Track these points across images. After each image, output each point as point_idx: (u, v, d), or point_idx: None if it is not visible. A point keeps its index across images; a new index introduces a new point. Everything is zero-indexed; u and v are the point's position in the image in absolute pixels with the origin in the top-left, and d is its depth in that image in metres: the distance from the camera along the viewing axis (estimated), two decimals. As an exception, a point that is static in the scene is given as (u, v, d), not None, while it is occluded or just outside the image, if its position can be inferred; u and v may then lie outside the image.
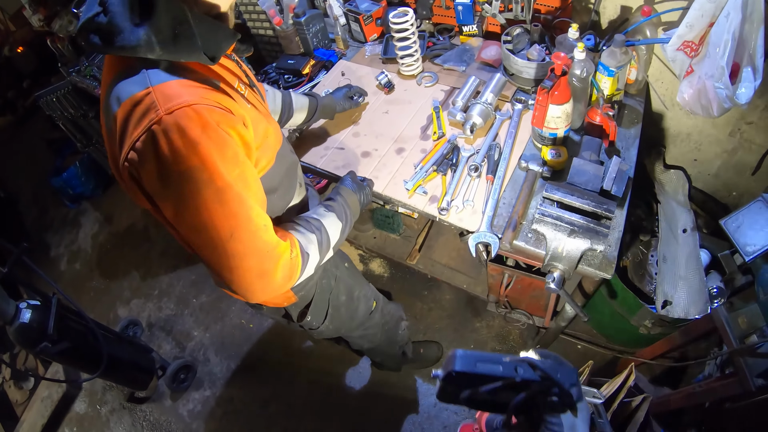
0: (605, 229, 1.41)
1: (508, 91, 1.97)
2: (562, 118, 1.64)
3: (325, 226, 1.31)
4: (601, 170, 1.54)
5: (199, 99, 0.91)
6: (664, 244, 2.05)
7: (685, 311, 1.90)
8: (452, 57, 2.14)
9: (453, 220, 1.67)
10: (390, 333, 2.09)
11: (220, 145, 0.92)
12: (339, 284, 1.64)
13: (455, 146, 1.83)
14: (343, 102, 1.91)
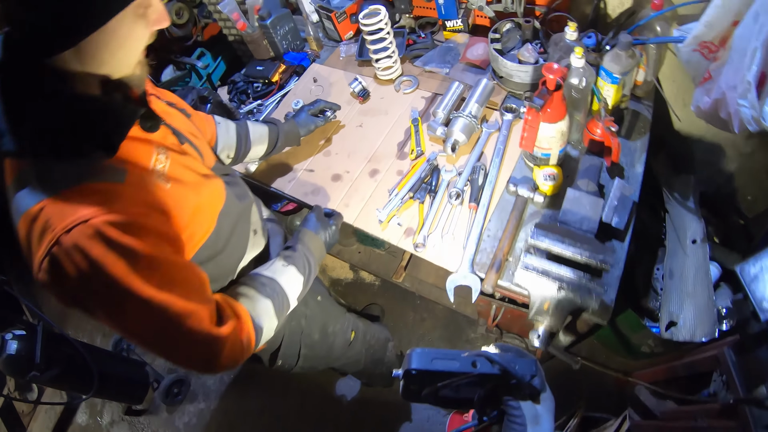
0: (600, 287, 1.19)
1: (497, 97, 1.71)
2: (556, 138, 1.39)
3: (282, 286, 1.15)
4: (599, 204, 1.31)
5: (95, 212, 0.78)
6: (671, 257, 1.81)
7: (691, 333, 1.67)
8: (434, 57, 1.87)
9: (430, 257, 1.46)
10: (376, 356, 1.94)
11: (130, 257, 0.80)
12: (310, 323, 1.49)
13: (435, 167, 1.60)
14: (307, 123, 1.68)
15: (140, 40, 0.86)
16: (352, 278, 2.74)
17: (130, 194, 0.84)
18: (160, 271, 0.84)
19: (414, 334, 2.51)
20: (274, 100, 1.96)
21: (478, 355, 0.73)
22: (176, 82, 2.16)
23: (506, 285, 1.37)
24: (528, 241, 1.24)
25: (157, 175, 0.92)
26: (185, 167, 1.01)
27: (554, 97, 1.30)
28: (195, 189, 1.01)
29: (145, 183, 0.89)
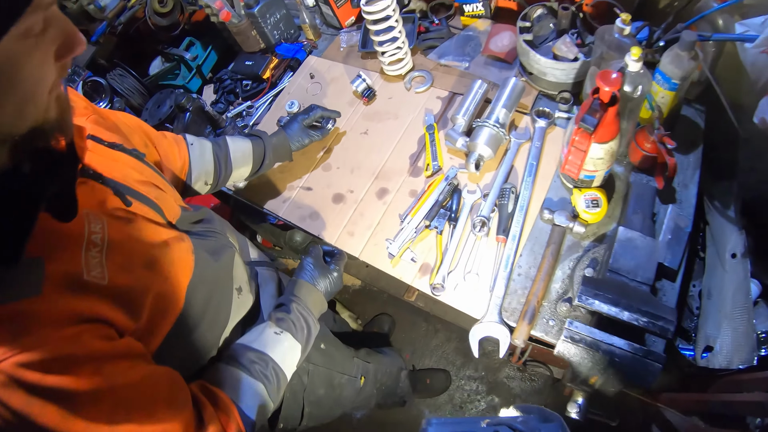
0: (657, 363, 0.95)
1: (527, 98, 1.43)
2: (604, 159, 1.13)
3: (276, 362, 0.95)
4: (656, 248, 1.06)
5: (4, 351, 0.58)
6: (709, 274, 1.57)
7: (727, 360, 1.46)
8: (451, 49, 1.58)
9: (450, 301, 1.23)
10: (388, 390, 1.75)
11: (62, 400, 0.61)
12: (314, 379, 1.28)
13: (455, 187, 1.34)
14: (300, 137, 1.41)
15: (40, 80, 0.59)
16: (360, 285, 2.51)
17: (50, 311, 0.61)
18: (110, 402, 0.64)
19: (427, 347, 2.30)
20: (266, 101, 1.69)
21: (500, 424, 0.68)
22: (165, 75, 1.91)
23: (541, 336, 1.15)
24: (576, 302, 0.99)
25: (91, 259, 0.68)
26: (133, 242, 0.77)
27: (609, 113, 1.03)
28: (150, 267, 0.77)
29: (73, 282, 0.65)
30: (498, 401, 2.13)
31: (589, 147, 1.07)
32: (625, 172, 1.30)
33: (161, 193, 0.93)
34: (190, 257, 0.87)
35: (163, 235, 0.84)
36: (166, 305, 0.79)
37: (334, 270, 1.13)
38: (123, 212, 0.79)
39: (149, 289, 0.74)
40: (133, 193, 0.84)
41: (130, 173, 0.88)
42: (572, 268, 1.20)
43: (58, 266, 0.64)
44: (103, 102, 1.89)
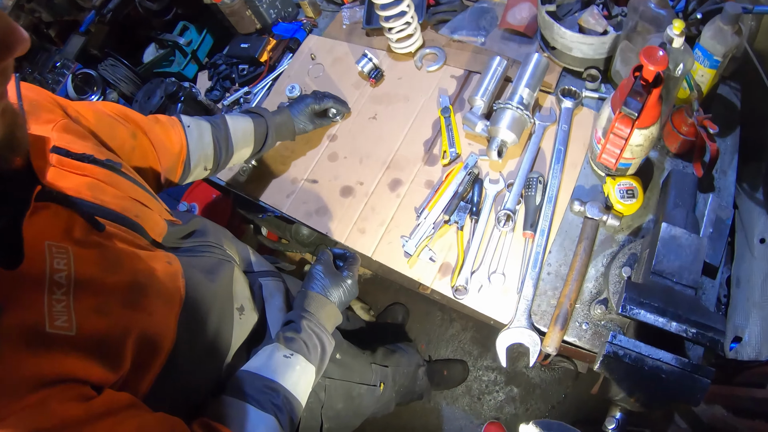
0: (705, 378, 0.84)
1: (551, 76, 1.29)
2: (644, 146, 1.01)
3: (288, 390, 0.84)
4: (702, 246, 0.93)
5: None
6: (738, 261, 1.46)
7: (756, 351, 1.36)
8: (464, 23, 1.42)
9: (474, 305, 1.12)
10: (407, 389, 1.66)
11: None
12: (331, 394, 1.18)
13: (476, 177, 1.21)
14: (305, 121, 1.29)
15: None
16: (371, 275, 2.40)
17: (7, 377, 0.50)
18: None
19: (443, 336, 2.21)
20: (264, 85, 1.55)
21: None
22: (159, 63, 1.79)
23: (574, 341, 1.04)
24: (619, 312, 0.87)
25: (56, 304, 0.56)
26: (108, 272, 0.64)
27: (652, 96, 0.90)
28: (130, 305, 0.65)
29: (32, 337, 0.53)
30: (517, 392, 2.04)
31: (632, 134, 0.93)
32: (660, 157, 1.18)
33: (143, 209, 0.80)
34: (179, 283, 0.75)
35: (145, 261, 0.72)
36: (153, 345, 0.68)
37: (347, 277, 1.01)
38: (95, 239, 0.67)
39: (130, 332, 0.63)
40: (108, 212, 0.72)
41: (103, 189, 0.75)
42: (606, 265, 1.08)
43: (14, 318, 0.53)
44: (95, 95, 1.78)
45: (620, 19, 1.22)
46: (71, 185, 0.69)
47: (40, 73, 1.80)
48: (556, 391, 1.99)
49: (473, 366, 2.12)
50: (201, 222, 0.97)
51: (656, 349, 0.88)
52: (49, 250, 0.59)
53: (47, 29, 1.89)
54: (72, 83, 1.74)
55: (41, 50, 1.86)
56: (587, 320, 1.05)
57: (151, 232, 0.79)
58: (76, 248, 0.62)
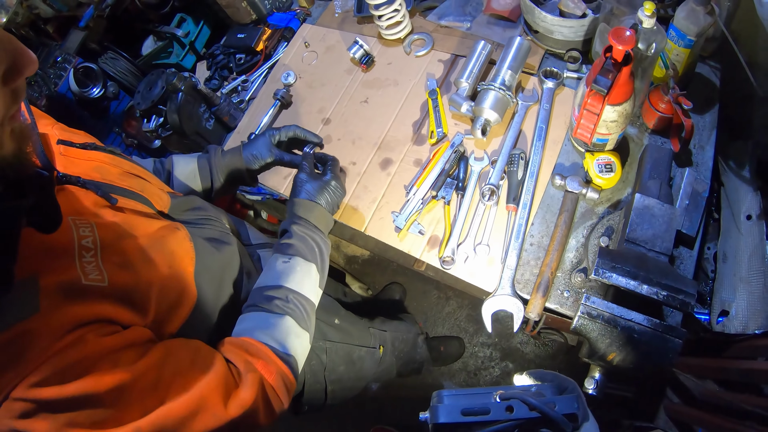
0: (678, 339, 0.89)
1: (534, 58, 1.34)
2: (618, 122, 1.05)
3: (294, 290, 0.89)
4: (674, 215, 0.99)
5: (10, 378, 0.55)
6: (724, 237, 1.50)
7: (743, 325, 1.41)
8: (451, 9, 1.47)
9: (461, 274, 1.17)
10: (407, 357, 1.71)
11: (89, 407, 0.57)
12: (332, 356, 1.23)
13: (461, 155, 1.26)
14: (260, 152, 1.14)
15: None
16: (369, 255, 2.46)
17: (50, 324, 0.58)
18: (137, 391, 0.62)
19: (439, 315, 2.27)
20: (261, 74, 1.60)
21: (512, 397, 0.65)
22: (157, 55, 1.83)
23: (555, 308, 1.09)
24: (592, 276, 0.92)
25: (88, 268, 0.64)
26: (126, 238, 0.72)
27: (623, 74, 0.94)
28: (149, 261, 0.73)
29: (71, 290, 0.61)
30: (512, 367, 2.10)
31: (603, 110, 0.98)
32: (639, 134, 1.23)
33: (145, 183, 0.89)
34: (189, 245, 0.82)
35: (156, 226, 0.79)
36: (177, 296, 0.75)
37: (330, 179, 1.04)
38: (110, 211, 0.74)
39: (152, 283, 0.70)
40: (116, 189, 0.80)
41: (108, 170, 0.83)
42: (586, 236, 1.13)
43: (53, 278, 0.60)
44: (96, 87, 1.82)
45: (598, 2, 1.26)
46: (80, 170, 0.76)
47: (41, 68, 1.84)
48: (550, 366, 2.05)
49: (469, 343, 2.17)
50: (199, 200, 1.03)
51: (628, 311, 0.94)
52: (74, 223, 0.67)
53: (45, 25, 1.93)
54: (74, 77, 1.79)
55: (41, 46, 1.90)
56: (568, 288, 1.10)
57: (156, 204, 0.86)
58: (95, 219, 0.70)
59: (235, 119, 1.53)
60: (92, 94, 1.83)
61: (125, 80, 1.85)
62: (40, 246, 0.62)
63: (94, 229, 0.68)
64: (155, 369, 0.64)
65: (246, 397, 0.70)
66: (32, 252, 0.60)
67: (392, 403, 2.14)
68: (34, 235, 0.60)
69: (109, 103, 1.91)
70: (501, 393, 0.67)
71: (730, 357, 1.28)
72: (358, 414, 2.16)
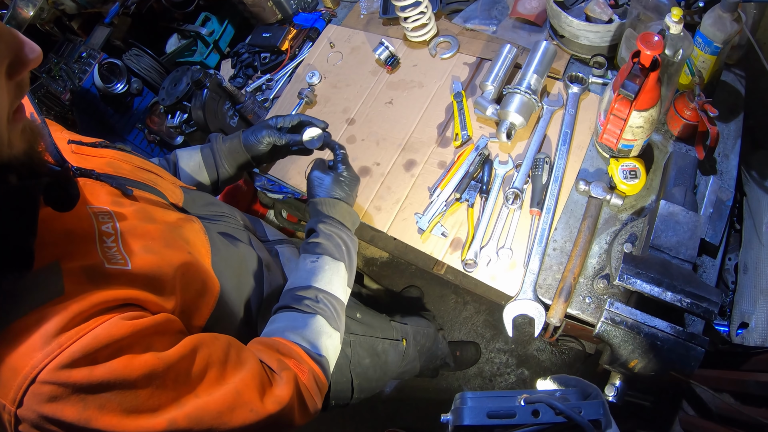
0: (700, 347, 0.93)
1: (559, 63, 1.38)
2: (644, 128, 1.09)
3: (324, 290, 0.91)
4: (699, 223, 1.02)
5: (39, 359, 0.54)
6: (746, 248, 1.52)
7: (762, 337, 1.43)
8: (477, 12, 1.52)
9: (483, 277, 1.21)
10: (430, 353, 1.76)
11: (119, 392, 0.57)
12: (356, 349, 1.28)
13: (486, 158, 1.30)
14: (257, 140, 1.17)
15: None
16: (388, 258, 2.51)
17: (77, 306, 0.58)
18: (170, 378, 0.62)
19: (456, 319, 2.31)
20: (285, 73, 1.66)
21: (538, 401, 0.65)
22: (182, 53, 1.91)
23: (577, 314, 1.13)
24: (616, 281, 0.96)
25: (110, 254, 0.66)
26: (144, 224, 0.75)
27: (650, 79, 0.98)
28: (169, 245, 0.75)
29: (95, 274, 0.62)
30: (528, 374, 2.13)
31: (630, 115, 1.02)
32: (663, 140, 1.26)
33: (157, 178, 0.92)
34: (204, 237, 0.85)
35: (172, 216, 0.82)
36: (201, 284, 0.77)
37: (342, 170, 1.08)
38: (127, 201, 0.77)
39: (175, 267, 0.72)
40: (130, 182, 0.82)
41: (120, 165, 0.86)
42: (609, 242, 1.17)
43: (75, 263, 0.62)
44: (121, 83, 1.89)
45: (625, 7, 1.30)
46: (93, 166, 0.78)
47: (66, 64, 1.92)
48: (566, 374, 2.07)
49: (485, 348, 2.21)
50: (211, 196, 1.07)
51: (652, 317, 0.97)
52: (92, 211, 0.69)
53: (69, 21, 2.00)
54: (98, 72, 1.86)
55: (66, 41, 1.98)
56: (590, 294, 1.14)
57: (170, 198, 0.89)
58: (113, 208, 0.72)
59: (259, 117, 1.59)
60: (116, 90, 1.90)
61: (149, 77, 1.92)
62: (61, 232, 0.64)
63: (113, 216, 0.71)
64: (188, 360, 0.64)
65: (283, 395, 0.71)
66: (54, 239, 0.62)
67: (405, 406, 2.19)
68: (54, 223, 0.62)
69: (133, 99, 1.98)
70: (526, 397, 0.68)
71: (749, 370, 1.31)
72: (371, 416, 2.20)
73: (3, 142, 0.54)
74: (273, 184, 1.60)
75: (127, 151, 0.92)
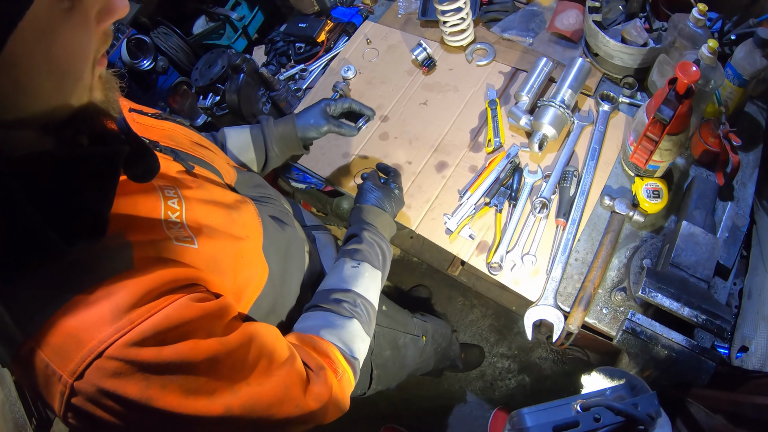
0: (712, 362, 1.05)
1: (591, 80, 1.49)
2: (672, 151, 1.20)
3: (362, 295, 0.97)
4: (717, 246, 1.14)
5: (108, 333, 0.55)
6: (751, 275, 1.65)
7: (761, 362, 1.56)
8: (515, 23, 1.63)
9: (507, 281, 1.32)
10: (444, 353, 1.87)
11: (182, 374, 0.59)
12: (379, 340, 1.37)
13: (516, 166, 1.41)
14: (316, 124, 1.26)
15: (80, 51, 0.53)
16: (398, 255, 2.63)
17: (148, 283, 0.59)
18: (228, 365, 0.64)
19: (462, 321, 2.43)
20: (320, 65, 1.76)
21: (596, 405, 0.69)
22: (209, 35, 1.98)
23: (593, 323, 1.24)
24: (638, 293, 1.08)
25: (175, 230, 0.68)
26: (207, 204, 0.77)
27: (684, 106, 1.09)
28: (228, 227, 0.78)
29: (164, 250, 0.65)
30: (529, 380, 2.25)
31: (662, 138, 1.13)
32: (685, 164, 1.37)
33: (213, 155, 0.96)
34: (258, 220, 0.88)
35: (230, 196, 0.85)
36: (254, 268, 0.81)
37: (395, 188, 1.20)
38: (188, 177, 0.79)
39: (234, 249, 0.75)
40: (191, 157, 0.85)
41: (181, 139, 0.89)
42: (629, 257, 1.28)
43: (143, 236, 0.63)
44: (147, 60, 1.95)
45: (660, 33, 1.41)
46: (155, 137, 0.80)
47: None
48: (566, 384, 2.20)
49: (489, 352, 2.33)
50: (260, 177, 1.13)
51: (669, 330, 1.09)
52: (158, 185, 0.71)
53: (99, -7, 2.07)
54: (126, 48, 1.93)
55: (95, 14, 2.04)
56: (608, 305, 1.25)
57: (225, 177, 0.94)
58: (177, 183, 0.75)
59: (291, 106, 1.68)
60: (142, 66, 1.97)
61: (176, 56, 2.00)
62: (127, 203, 0.64)
63: (179, 192, 0.72)
64: (244, 348, 0.66)
65: (322, 393, 0.74)
66: (119, 209, 0.62)
67: (405, 404, 2.30)
68: (120, 192, 0.62)
69: (158, 77, 2.05)
70: (582, 402, 0.71)
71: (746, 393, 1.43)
72: (370, 412, 2.31)
73: (86, 87, 0.56)
74: (298, 174, 1.69)
75: (185, 125, 0.96)
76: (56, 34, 0.49)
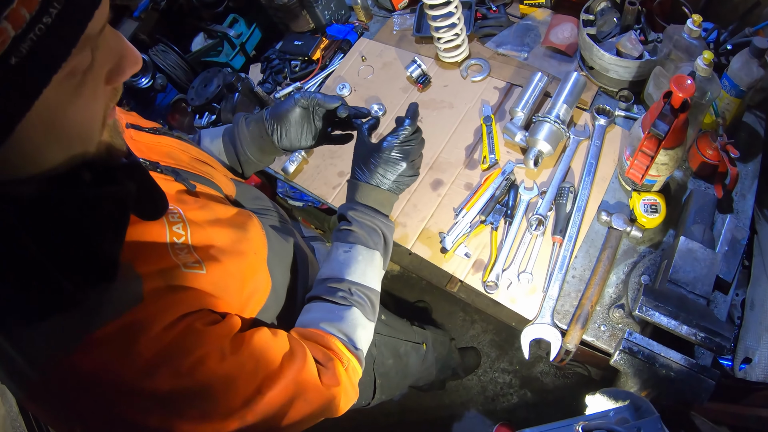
0: (711, 380, 1.03)
1: (587, 94, 1.48)
2: (668, 165, 1.19)
3: (358, 283, 0.91)
4: (716, 261, 1.12)
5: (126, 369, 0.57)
6: (754, 286, 1.63)
7: (765, 373, 1.53)
8: (509, 38, 1.62)
9: (503, 300, 1.31)
10: (445, 362, 1.86)
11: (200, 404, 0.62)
12: (381, 349, 1.36)
13: (512, 183, 1.40)
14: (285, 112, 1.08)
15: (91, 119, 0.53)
16: (398, 271, 2.62)
17: (159, 314, 0.59)
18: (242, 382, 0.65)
19: (463, 337, 2.41)
20: (315, 83, 1.76)
21: (598, 428, 0.69)
22: (207, 52, 1.98)
23: (591, 341, 1.22)
24: (636, 312, 1.06)
25: (183, 256, 0.67)
26: (212, 225, 0.75)
27: (679, 120, 1.08)
28: (234, 246, 0.76)
29: (172, 278, 0.64)
30: (530, 396, 2.23)
31: (658, 153, 1.12)
32: (683, 177, 1.35)
33: (212, 170, 0.93)
34: (262, 233, 0.86)
35: (232, 211, 0.83)
36: (259, 283, 0.80)
37: (386, 148, 0.94)
38: (190, 197, 0.78)
39: (242, 269, 0.75)
40: (192, 175, 0.83)
41: (180, 155, 0.87)
42: (627, 273, 1.26)
43: (151, 267, 0.62)
44: (146, 77, 1.96)
45: (655, 45, 1.40)
46: (153, 155, 0.78)
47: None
48: (568, 398, 2.18)
49: (490, 368, 2.31)
50: (257, 190, 1.09)
51: (667, 349, 1.06)
52: None
53: (97, 13, 2.09)
54: (124, 64, 1.94)
55: (93, 33, 2.06)
56: (606, 322, 1.24)
57: (225, 191, 0.92)
58: (180, 205, 0.73)
59: (286, 125, 1.68)
60: (140, 84, 1.98)
61: (174, 74, 2.00)
62: (134, 233, 0.62)
63: (182, 215, 0.70)
64: (253, 358, 0.67)
65: (332, 386, 0.76)
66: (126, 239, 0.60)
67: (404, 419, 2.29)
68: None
69: (156, 94, 2.07)
70: (584, 424, 0.70)
71: (749, 405, 1.40)
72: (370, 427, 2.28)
73: (93, 143, 0.55)
74: (295, 192, 1.69)
75: (184, 140, 0.93)
76: (66, 110, 0.49)
